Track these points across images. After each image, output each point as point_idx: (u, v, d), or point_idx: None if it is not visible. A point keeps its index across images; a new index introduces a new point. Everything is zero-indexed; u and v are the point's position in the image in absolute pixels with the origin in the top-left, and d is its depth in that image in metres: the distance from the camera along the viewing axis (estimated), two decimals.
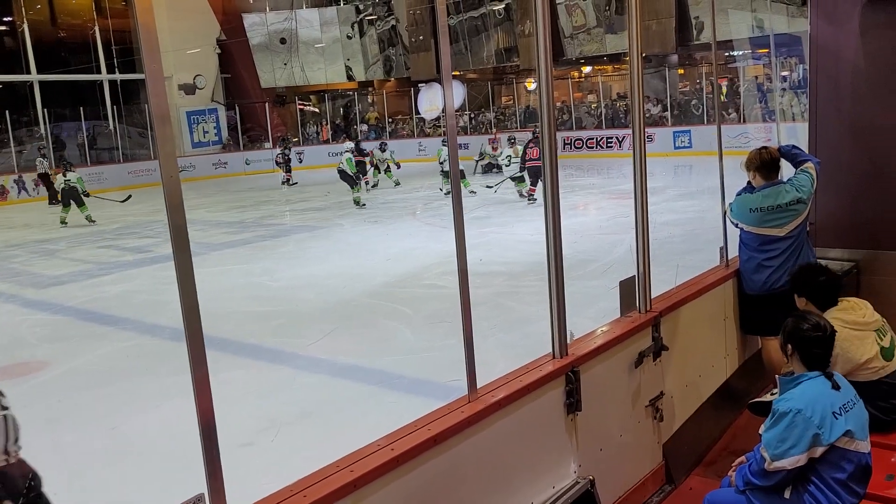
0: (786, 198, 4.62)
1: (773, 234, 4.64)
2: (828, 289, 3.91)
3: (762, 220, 4.64)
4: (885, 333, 3.85)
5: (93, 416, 6.08)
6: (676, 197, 15.71)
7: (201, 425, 2.06)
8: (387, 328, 7.91)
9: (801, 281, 3.99)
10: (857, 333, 3.77)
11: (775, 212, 4.62)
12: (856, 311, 3.86)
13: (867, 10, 4.85)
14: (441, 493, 2.82)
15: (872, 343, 3.78)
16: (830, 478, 2.92)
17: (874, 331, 3.82)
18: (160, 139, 1.97)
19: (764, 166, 4.70)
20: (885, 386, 3.76)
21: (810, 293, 3.92)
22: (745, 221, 4.70)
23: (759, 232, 4.66)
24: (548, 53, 3.29)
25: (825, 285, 3.91)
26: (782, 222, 4.62)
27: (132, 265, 12.67)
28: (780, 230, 4.63)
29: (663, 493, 4.13)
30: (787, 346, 3.12)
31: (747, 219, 4.69)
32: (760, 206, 4.64)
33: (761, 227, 4.65)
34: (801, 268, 4.08)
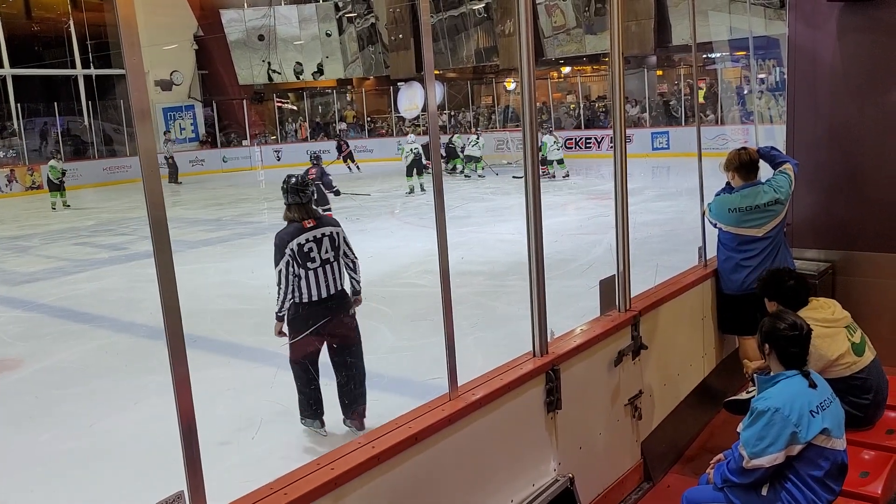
0: (764, 198, 4.67)
1: (751, 234, 4.69)
2: (797, 291, 3.96)
3: (741, 220, 4.69)
4: (854, 330, 3.91)
5: (69, 414, 6.01)
6: (655, 198, 15.81)
7: (181, 423, 2.04)
8: (366, 327, 7.81)
9: (770, 285, 4.04)
10: (827, 331, 3.82)
11: (754, 212, 4.67)
12: (825, 310, 3.92)
13: (845, 13, 4.91)
14: (422, 490, 2.81)
15: (843, 339, 3.84)
16: (807, 475, 2.95)
17: (844, 327, 3.88)
18: (140, 134, 1.95)
19: (743, 167, 4.75)
20: (856, 381, 3.82)
21: (780, 297, 3.96)
22: (724, 221, 4.75)
23: (738, 232, 4.71)
24: (530, 54, 3.30)
25: (794, 288, 3.96)
26: (760, 223, 4.67)
27: (107, 262, 12.54)
28: (759, 230, 4.68)
29: (641, 490, 4.16)
30: (764, 346, 3.16)
31: (726, 219, 4.74)
32: (739, 207, 4.69)
33: (740, 227, 4.70)
34: (770, 272, 4.13)
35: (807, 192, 5.04)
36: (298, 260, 5.03)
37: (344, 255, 5.24)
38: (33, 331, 8.49)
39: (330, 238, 5.13)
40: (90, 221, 18.10)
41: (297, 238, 5.05)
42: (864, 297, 4.06)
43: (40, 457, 5.26)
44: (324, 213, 5.51)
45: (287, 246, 5.03)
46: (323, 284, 5.08)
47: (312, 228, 5.08)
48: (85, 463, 5.14)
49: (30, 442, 5.52)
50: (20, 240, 15.80)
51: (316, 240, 5.06)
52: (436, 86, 4.79)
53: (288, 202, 5.19)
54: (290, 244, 5.02)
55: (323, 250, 5.06)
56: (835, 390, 3.23)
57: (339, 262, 5.19)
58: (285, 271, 5.05)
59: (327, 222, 5.23)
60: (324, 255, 5.07)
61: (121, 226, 16.92)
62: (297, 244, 5.03)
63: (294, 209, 5.15)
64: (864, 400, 3.85)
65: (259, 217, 17.56)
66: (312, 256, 5.03)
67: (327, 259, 5.08)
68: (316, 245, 5.04)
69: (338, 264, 5.18)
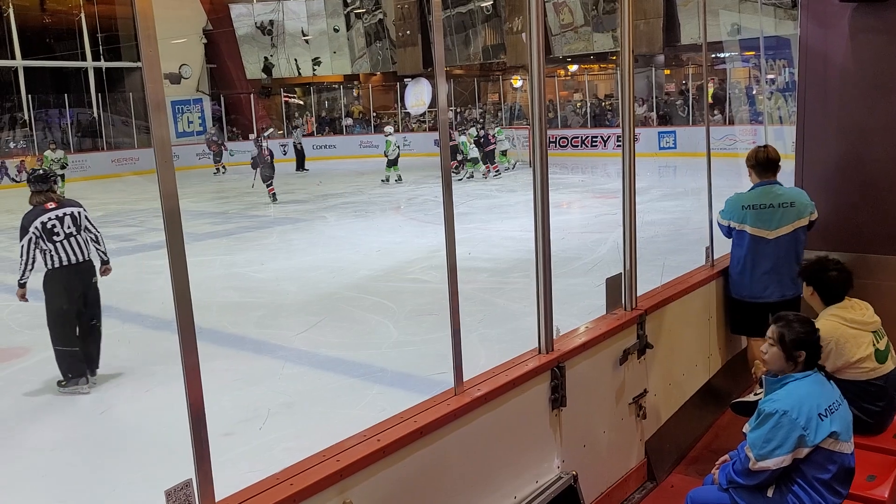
0: (779, 198, 4.64)
1: (761, 234, 4.65)
2: (836, 284, 3.90)
3: (753, 218, 4.65)
4: (881, 336, 3.86)
5: (76, 403, 6.05)
6: (661, 197, 15.80)
7: (191, 412, 2.05)
8: (370, 321, 7.91)
9: (812, 271, 3.99)
10: (853, 332, 3.78)
11: (767, 210, 4.64)
12: (856, 310, 3.86)
13: (857, 13, 4.88)
14: (426, 484, 2.83)
15: (868, 344, 3.79)
16: (814, 478, 2.93)
17: (871, 332, 3.82)
18: (155, 125, 1.96)
19: (759, 164, 4.72)
20: (873, 388, 3.79)
21: (818, 285, 3.93)
22: (737, 219, 4.71)
23: (749, 231, 4.68)
24: (540, 53, 3.30)
25: (835, 280, 3.90)
26: (772, 223, 4.64)
27: (114, 253, 12.43)
28: (769, 232, 4.64)
29: (645, 490, 4.16)
30: (798, 353, 3.09)
31: (739, 215, 4.70)
32: (753, 204, 4.66)
33: (752, 227, 4.66)
34: (818, 258, 4.09)
35: (816, 194, 5.02)
36: (44, 236, 6.10)
37: (86, 230, 6.35)
38: (41, 320, 8.44)
39: (71, 216, 6.26)
40: (98, 212, 18.13)
41: (41, 217, 6.13)
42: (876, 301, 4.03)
43: (46, 445, 5.29)
44: (67, 199, 6.56)
45: (32, 225, 6.08)
46: (71, 253, 6.17)
47: (55, 209, 6.20)
48: (92, 451, 5.18)
49: (36, 430, 5.55)
50: None
51: (59, 218, 6.17)
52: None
53: (32, 190, 6.32)
54: (34, 223, 6.09)
55: (65, 226, 6.18)
56: (848, 393, 3.21)
57: (81, 236, 6.27)
58: (27, 246, 6.09)
59: (69, 203, 6.37)
60: (66, 230, 6.18)
61: (129, 217, 16.98)
62: (41, 222, 6.11)
63: (36, 196, 6.25)
64: (876, 407, 3.81)
65: (265, 211, 17.59)
66: (56, 231, 6.12)
67: (70, 233, 6.19)
68: (59, 222, 6.15)
69: (81, 238, 6.27)
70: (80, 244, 6.24)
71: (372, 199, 18.39)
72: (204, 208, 17.86)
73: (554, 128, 28.18)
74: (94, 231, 6.44)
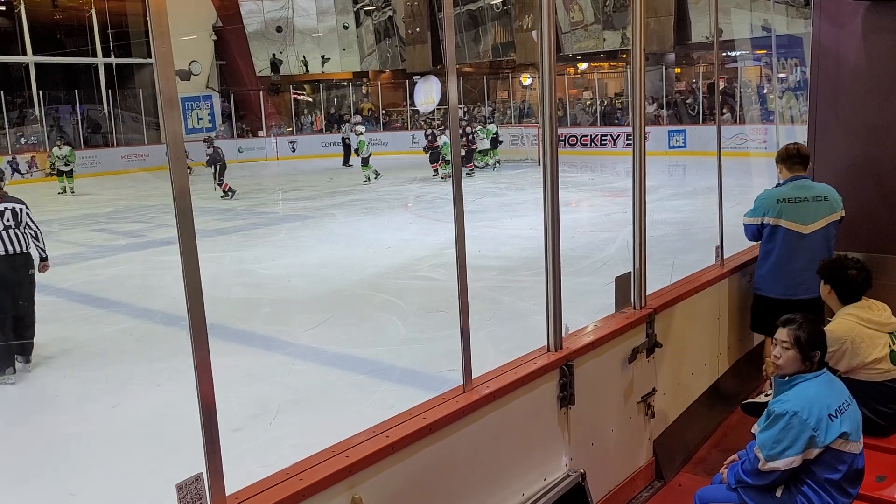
0: (812, 191, 4.62)
1: (796, 229, 4.59)
2: (855, 284, 3.87)
3: (789, 212, 4.60)
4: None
5: (85, 397, 6.09)
6: (671, 196, 15.75)
7: (202, 407, 2.06)
8: (378, 319, 7.92)
9: (830, 269, 3.96)
10: (869, 332, 3.75)
11: (802, 203, 4.60)
12: (874, 311, 3.83)
13: (870, 13, 4.86)
14: (434, 481, 2.83)
15: (885, 345, 3.76)
16: (823, 478, 2.92)
17: (888, 333, 3.80)
18: (168, 121, 1.97)
19: (791, 157, 4.70)
20: (886, 389, 3.76)
21: (837, 283, 3.90)
22: (772, 213, 4.63)
23: (785, 225, 4.61)
24: (551, 51, 3.31)
25: (853, 279, 3.87)
26: (807, 217, 4.60)
27: (125, 249, 12.65)
28: (804, 227, 4.59)
29: (653, 488, 4.15)
30: (815, 353, 3.07)
31: (774, 210, 4.63)
32: (788, 197, 4.61)
33: (787, 221, 4.61)
34: (837, 256, 4.05)
35: None
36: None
37: (27, 226, 6.72)
38: (52, 314, 8.55)
39: (12, 211, 6.63)
40: (108, 208, 18.25)
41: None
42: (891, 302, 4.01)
43: (57, 438, 5.32)
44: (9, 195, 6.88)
45: None
46: (7, 244, 6.53)
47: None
48: (100, 446, 5.20)
49: (48, 424, 5.59)
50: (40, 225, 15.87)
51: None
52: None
53: None
54: None
55: (5, 219, 6.55)
56: (861, 393, 3.18)
57: (20, 231, 6.64)
58: None
59: (10, 200, 6.75)
60: (5, 222, 6.56)
61: (138, 213, 17.05)
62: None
63: None
64: (889, 409, 3.78)
65: (273, 207, 17.64)
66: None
67: (8, 226, 6.56)
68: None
69: (20, 232, 6.64)
70: (17, 237, 6.60)
71: (381, 197, 18.40)
72: (213, 205, 17.91)
73: (563, 126, 28.13)
74: (35, 228, 6.82)
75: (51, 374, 6.63)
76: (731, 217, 5.21)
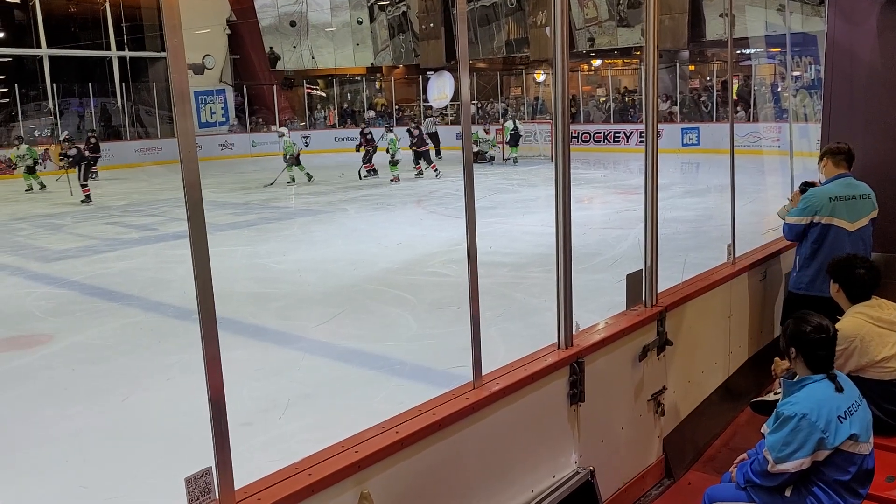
0: (858, 189, 4.66)
1: (844, 226, 4.61)
2: (863, 282, 3.86)
3: (841, 209, 4.62)
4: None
5: (96, 390, 6.12)
6: (683, 194, 15.68)
7: (211, 401, 2.07)
8: (389, 314, 7.93)
9: (840, 267, 3.95)
10: (879, 330, 3.74)
11: (850, 201, 4.63)
12: (883, 309, 3.81)
13: (885, 10, 4.82)
14: (443, 477, 2.83)
15: (894, 344, 3.74)
16: (833, 479, 2.91)
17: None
18: (179, 115, 1.98)
19: (839, 153, 4.72)
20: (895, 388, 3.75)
21: (845, 282, 3.90)
22: (825, 211, 4.63)
23: (836, 223, 4.62)
24: (564, 47, 3.29)
25: (861, 278, 3.86)
26: (854, 214, 4.62)
27: (137, 242, 12.71)
28: (851, 224, 4.61)
29: (662, 486, 4.15)
30: (790, 349, 3.09)
31: (827, 208, 4.62)
32: (840, 195, 4.63)
33: (838, 219, 4.62)
34: (848, 255, 4.05)
35: None
36: None
37: None
38: (64, 307, 8.63)
39: None
40: (121, 202, 18.34)
41: None
42: None
43: (68, 431, 5.36)
44: None
45: None
46: None
47: None
48: (112, 438, 5.24)
49: (58, 416, 5.62)
50: (53, 217, 16.04)
51: None
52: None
53: None
54: None
55: None
56: (870, 392, 3.16)
57: None
58: None
59: None
60: None
61: (151, 206, 17.13)
62: None
63: None
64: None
65: (286, 202, 17.67)
66: None
67: None
68: None
69: None
70: None
71: (392, 192, 18.42)
72: (226, 199, 17.97)
73: (577, 123, 28.04)
74: None
75: (62, 366, 6.68)
76: (744, 215, 5.20)
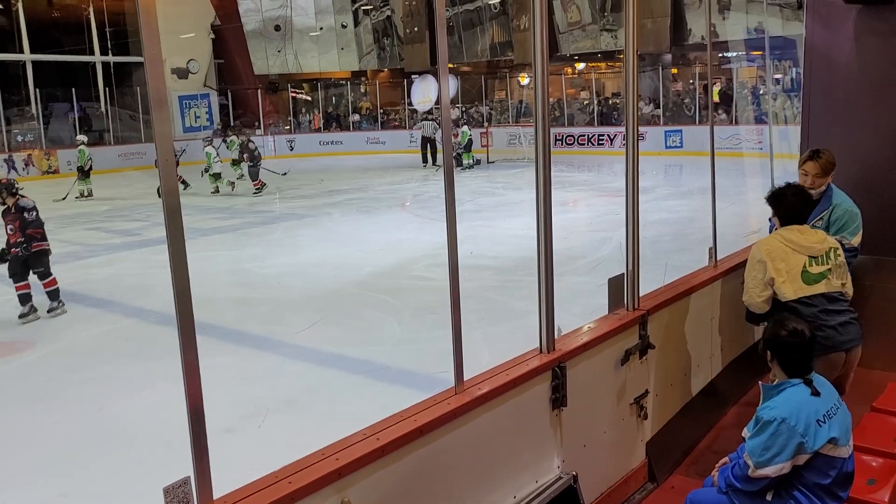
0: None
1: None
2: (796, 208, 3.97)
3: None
4: (822, 263, 3.88)
5: (77, 397, 6.06)
6: (666, 196, 15.76)
7: (189, 409, 2.06)
8: (373, 318, 7.91)
9: (773, 195, 4.07)
10: (786, 249, 3.87)
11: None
12: (803, 235, 3.91)
13: (862, 15, 4.87)
14: (425, 483, 2.83)
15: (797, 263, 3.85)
16: (814, 483, 2.92)
17: (808, 256, 3.86)
18: (157, 121, 1.97)
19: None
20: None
21: (777, 207, 4.01)
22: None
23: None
24: (544, 50, 3.30)
25: (794, 204, 3.97)
26: None
27: (120, 248, 12.63)
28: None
29: (645, 490, 4.16)
30: (766, 353, 3.12)
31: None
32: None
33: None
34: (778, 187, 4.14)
35: None
36: None
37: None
38: (45, 313, 8.55)
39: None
40: (104, 207, 18.21)
41: None
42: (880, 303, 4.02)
43: (48, 438, 5.31)
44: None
45: None
46: None
47: None
48: (91, 446, 5.18)
49: (38, 423, 5.57)
50: None
51: None
52: (449, 79, 4.84)
53: None
54: None
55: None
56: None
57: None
58: None
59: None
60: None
61: (134, 212, 17.01)
62: None
63: None
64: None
65: (270, 206, 17.60)
66: None
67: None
68: None
69: None
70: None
71: (377, 196, 18.38)
72: (210, 203, 17.88)
73: (560, 126, 28.13)
74: None
75: (42, 373, 6.61)
76: (726, 217, 5.22)
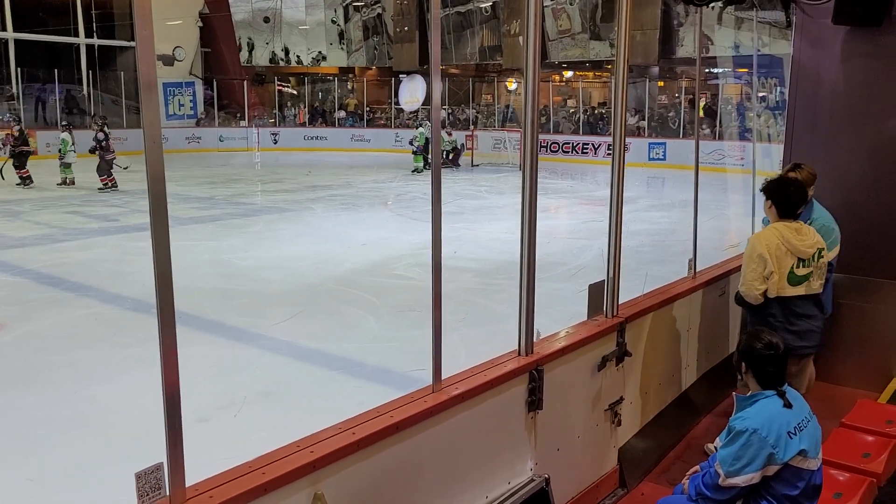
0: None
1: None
2: (791, 202, 4.17)
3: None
4: (808, 264, 4.14)
5: (50, 381, 6.00)
6: (648, 207, 15.86)
7: (165, 395, 2.05)
8: (352, 315, 7.90)
9: (772, 186, 4.25)
10: (783, 249, 4.08)
11: None
12: (798, 235, 4.13)
13: (850, 37, 4.93)
14: (398, 480, 2.83)
15: (786, 263, 4.09)
16: (782, 494, 2.96)
17: (797, 257, 4.11)
18: (146, 106, 1.96)
19: None
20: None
21: (777, 199, 4.20)
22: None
23: None
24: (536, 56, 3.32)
25: (790, 197, 4.17)
26: None
27: (97, 233, 12.51)
28: None
29: (616, 496, 4.18)
30: (741, 364, 3.15)
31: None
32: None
33: None
34: (779, 178, 4.37)
35: None
36: None
37: None
38: (19, 295, 8.46)
39: None
40: (83, 191, 18.03)
41: None
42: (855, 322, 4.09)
43: (20, 422, 5.25)
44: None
45: None
46: None
47: None
48: (65, 431, 5.13)
49: (10, 407, 5.51)
50: (11, 204, 15.71)
51: None
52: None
53: None
54: None
55: None
56: None
57: None
58: None
59: None
60: None
61: (113, 197, 16.86)
62: None
63: None
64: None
65: (252, 198, 17.53)
66: None
67: None
68: None
69: None
70: None
71: (360, 194, 18.35)
72: (191, 192, 17.75)
73: (546, 133, 28.22)
74: None
75: (15, 356, 6.54)
76: (706, 231, 5.27)
